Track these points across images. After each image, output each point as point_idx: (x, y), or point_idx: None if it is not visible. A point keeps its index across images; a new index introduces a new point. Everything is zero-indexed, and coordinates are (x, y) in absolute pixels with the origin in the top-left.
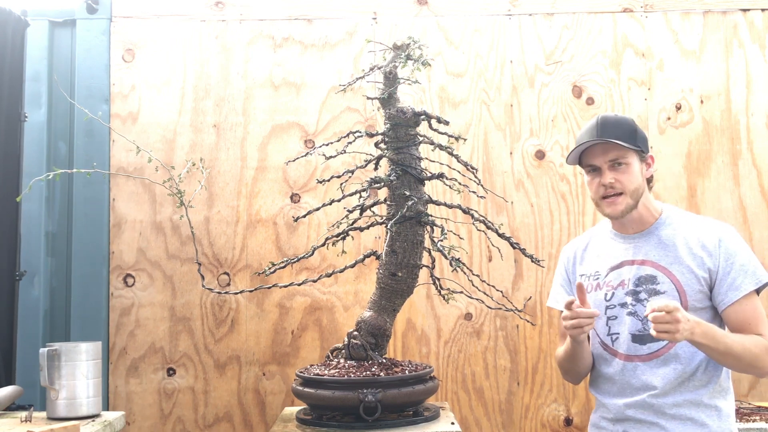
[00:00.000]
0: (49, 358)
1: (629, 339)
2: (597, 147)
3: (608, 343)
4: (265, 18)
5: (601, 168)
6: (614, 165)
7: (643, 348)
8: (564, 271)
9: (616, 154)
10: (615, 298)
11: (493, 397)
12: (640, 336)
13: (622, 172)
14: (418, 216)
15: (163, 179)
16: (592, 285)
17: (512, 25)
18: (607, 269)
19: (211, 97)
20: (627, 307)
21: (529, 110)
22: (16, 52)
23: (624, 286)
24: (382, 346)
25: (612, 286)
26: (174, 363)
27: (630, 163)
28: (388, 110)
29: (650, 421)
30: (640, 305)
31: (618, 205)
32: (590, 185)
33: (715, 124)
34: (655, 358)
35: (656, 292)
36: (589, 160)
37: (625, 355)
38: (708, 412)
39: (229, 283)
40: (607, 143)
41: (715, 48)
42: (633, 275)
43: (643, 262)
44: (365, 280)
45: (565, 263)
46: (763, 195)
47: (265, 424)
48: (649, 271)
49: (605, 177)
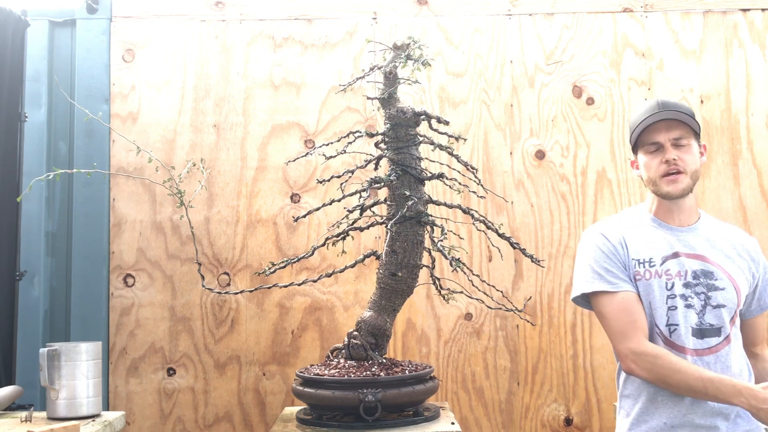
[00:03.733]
0: (49, 358)
1: (689, 332)
2: (660, 124)
3: (666, 334)
4: (265, 18)
5: (663, 145)
6: (677, 143)
7: (701, 342)
8: (614, 254)
9: (680, 132)
10: (676, 288)
11: (493, 397)
12: (699, 330)
13: (685, 152)
14: (418, 216)
15: (163, 179)
16: (650, 272)
17: (512, 25)
18: (660, 258)
19: (211, 97)
20: (686, 299)
21: (529, 110)
22: (16, 52)
23: (681, 277)
24: (382, 346)
25: (671, 275)
26: (174, 363)
27: (691, 144)
28: (388, 110)
29: (707, 425)
30: (696, 298)
31: (679, 183)
32: (649, 165)
33: (715, 124)
34: (712, 353)
35: (715, 288)
36: (651, 137)
37: (688, 348)
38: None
39: (229, 283)
40: (671, 121)
41: (715, 48)
42: (690, 267)
43: (698, 256)
44: (365, 280)
45: (613, 247)
46: (763, 195)
47: (265, 424)
48: (706, 266)
49: (669, 152)
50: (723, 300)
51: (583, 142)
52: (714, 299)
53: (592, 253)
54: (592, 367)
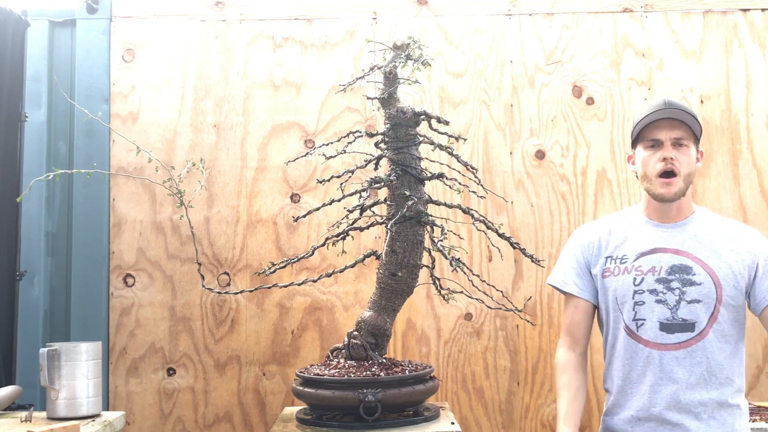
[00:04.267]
0: (49, 358)
1: (657, 327)
2: (663, 122)
3: (633, 328)
4: (265, 18)
5: (663, 143)
6: (676, 144)
7: (671, 337)
8: (582, 257)
9: (681, 133)
10: (644, 284)
11: (493, 397)
12: (668, 325)
13: (683, 153)
14: (418, 216)
15: (163, 179)
16: (619, 268)
17: (512, 25)
18: (636, 254)
19: (211, 97)
20: (656, 294)
21: (529, 110)
22: (17, 52)
23: (655, 273)
24: (382, 346)
25: (642, 271)
26: (174, 363)
27: (690, 147)
28: (388, 110)
29: (674, 421)
30: (670, 293)
31: (672, 187)
32: (647, 161)
33: (715, 124)
34: (682, 348)
35: (691, 283)
36: (652, 134)
37: (653, 343)
38: (731, 410)
39: (229, 283)
40: (675, 121)
41: (715, 48)
42: (666, 263)
43: (678, 252)
44: (365, 280)
45: (582, 247)
46: (763, 195)
47: (265, 424)
48: (684, 261)
49: (667, 151)
50: (698, 295)
51: (583, 142)
52: (689, 294)
53: (568, 247)
54: (592, 368)
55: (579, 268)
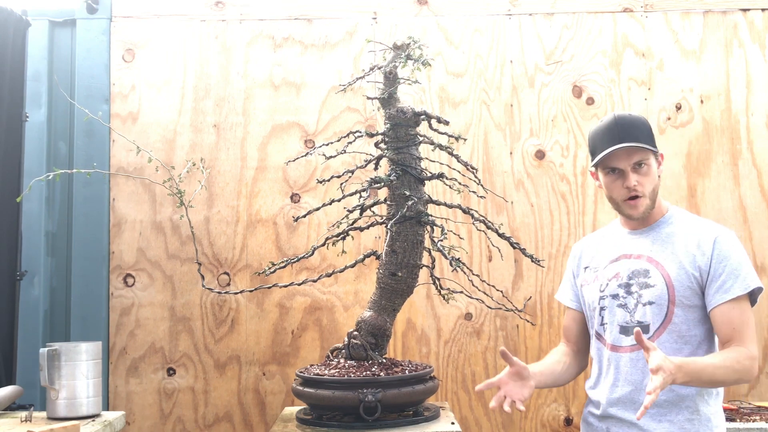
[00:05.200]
0: (49, 358)
1: (617, 330)
2: (620, 151)
3: (601, 333)
4: (265, 18)
5: (624, 170)
6: (636, 167)
7: (627, 339)
8: (572, 270)
9: (640, 157)
10: (608, 289)
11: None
12: (626, 327)
13: (644, 174)
14: (418, 216)
15: (163, 179)
16: (591, 277)
17: (512, 25)
18: (606, 262)
19: (211, 97)
20: (618, 299)
21: (529, 110)
22: (18, 52)
23: (618, 278)
24: (382, 346)
25: (607, 278)
26: (174, 363)
27: (650, 164)
28: (388, 110)
29: (630, 420)
30: (630, 297)
31: (639, 207)
32: (611, 187)
33: (715, 124)
34: (636, 350)
35: (647, 286)
36: (612, 162)
37: (611, 345)
38: (689, 415)
39: (229, 283)
40: (631, 147)
41: (715, 48)
42: (627, 268)
43: (639, 256)
44: (365, 280)
45: (573, 260)
46: (763, 195)
47: (265, 424)
48: (643, 265)
49: (629, 180)
50: (652, 297)
51: (583, 142)
52: (644, 297)
53: (568, 262)
54: None
55: (571, 282)
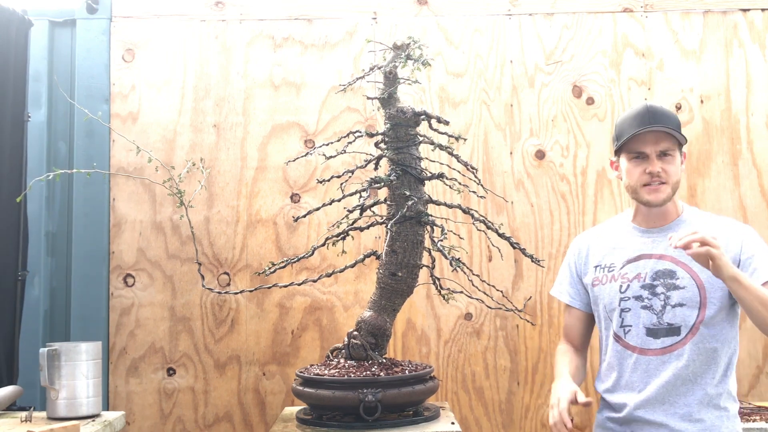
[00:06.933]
0: (49, 358)
1: (643, 332)
2: (648, 135)
3: (621, 335)
4: (265, 18)
5: (649, 156)
6: (662, 155)
7: (657, 342)
8: (574, 264)
9: (667, 145)
10: (630, 291)
11: (493, 397)
12: (654, 330)
13: (669, 163)
14: (418, 216)
15: (163, 179)
16: (607, 277)
17: (512, 25)
18: (623, 261)
19: (211, 97)
20: (642, 300)
21: (529, 110)
22: (20, 53)
23: (640, 279)
24: (382, 346)
25: (628, 278)
26: (174, 363)
27: (675, 156)
28: (388, 110)
29: (659, 422)
30: (656, 299)
31: (660, 194)
32: (632, 172)
33: (715, 124)
34: (667, 353)
35: (675, 287)
36: (637, 146)
37: (639, 348)
38: (718, 413)
39: (229, 283)
40: (660, 132)
41: (715, 48)
42: (650, 269)
43: (662, 257)
44: (365, 280)
45: (575, 256)
46: (763, 195)
47: (265, 424)
48: (667, 266)
49: (654, 165)
50: (682, 299)
51: (583, 142)
52: (673, 298)
53: (565, 257)
54: (592, 367)
55: (572, 278)
